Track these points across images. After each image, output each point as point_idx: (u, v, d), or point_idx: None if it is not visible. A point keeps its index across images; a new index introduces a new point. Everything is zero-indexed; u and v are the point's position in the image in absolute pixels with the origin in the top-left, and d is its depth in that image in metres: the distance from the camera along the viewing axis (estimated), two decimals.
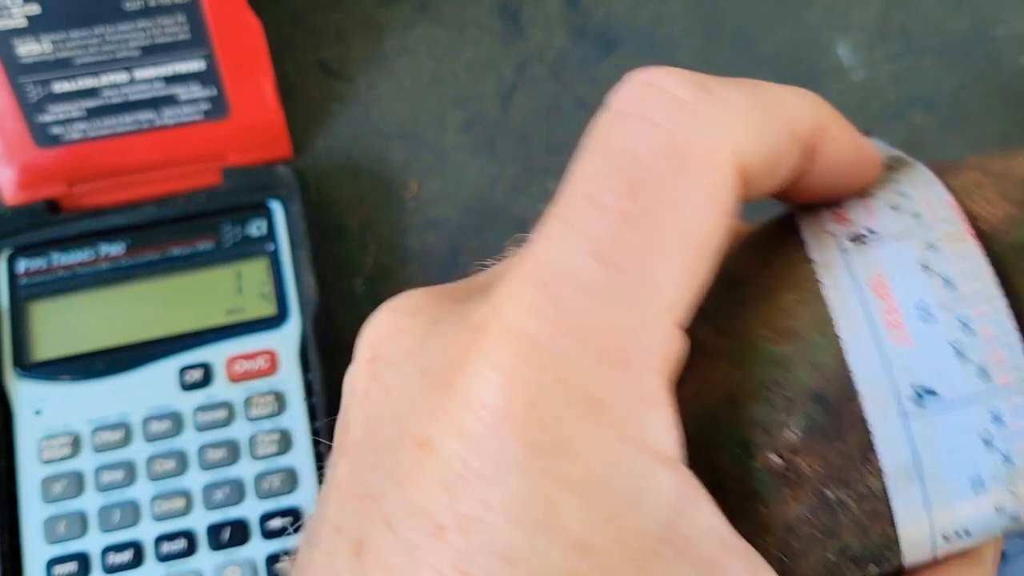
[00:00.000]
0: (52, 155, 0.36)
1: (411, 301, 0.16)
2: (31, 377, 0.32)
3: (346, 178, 0.38)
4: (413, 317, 0.16)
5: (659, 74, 0.15)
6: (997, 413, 0.15)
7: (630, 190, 0.14)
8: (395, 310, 0.16)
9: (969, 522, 0.15)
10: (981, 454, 0.15)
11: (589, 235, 0.14)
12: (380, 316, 0.16)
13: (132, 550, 0.30)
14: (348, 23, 0.40)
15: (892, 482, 0.15)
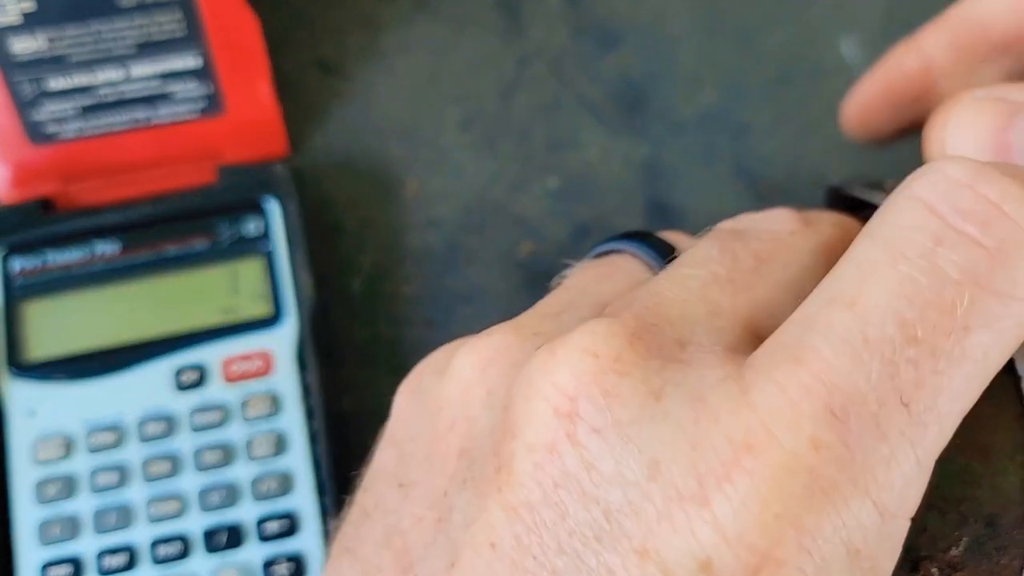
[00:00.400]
0: (46, 153, 0.35)
1: (612, 349, 0.14)
2: (25, 377, 0.32)
3: (344, 176, 0.37)
4: (623, 377, 0.14)
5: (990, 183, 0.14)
6: None
7: (950, 326, 0.13)
8: (596, 356, 0.14)
9: None
10: None
11: (894, 370, 0.13)
12: (577, 361, 0.14)
13: (127, 553, 0.30)
14: (346, 20, 0.40)
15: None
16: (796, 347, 0.13)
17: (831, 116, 0.39)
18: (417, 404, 0.18)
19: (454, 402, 0.16)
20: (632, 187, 0.37)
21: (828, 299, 0.14)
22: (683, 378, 0.14)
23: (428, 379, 0.18)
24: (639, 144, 0.38)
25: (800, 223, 0.17)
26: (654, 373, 0.14)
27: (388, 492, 0.17)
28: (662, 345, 0.14)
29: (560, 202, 0.37)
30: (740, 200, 0.37)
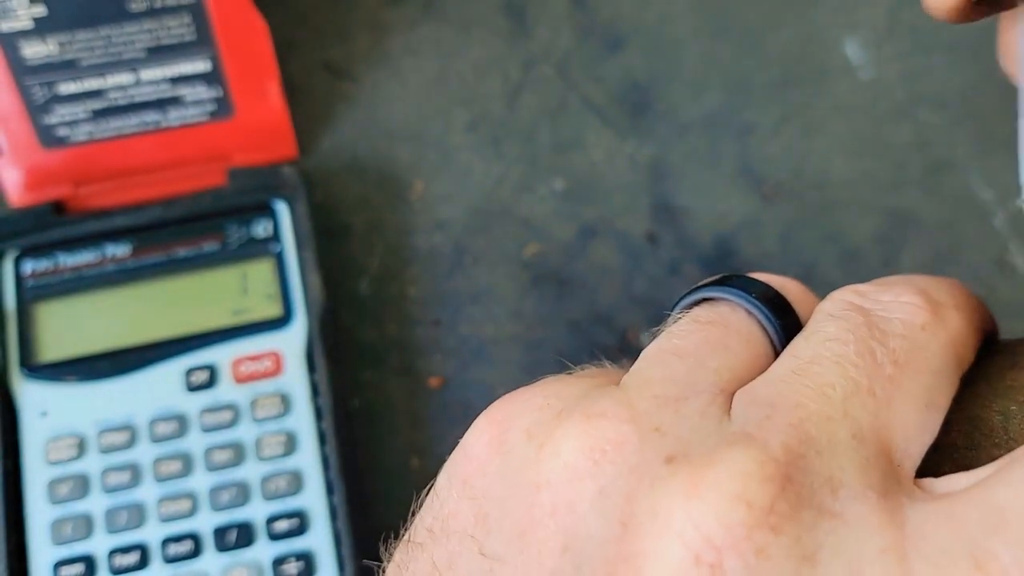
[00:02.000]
0: (58, 156, 0.36)
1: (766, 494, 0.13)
2: (37, 378, 0.32)
3: (352, 178, 0.38)
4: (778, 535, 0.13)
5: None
6: None
7: None
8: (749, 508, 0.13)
9: None
10: None
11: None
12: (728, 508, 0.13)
13: (138, 552, 0.30)
14: (353, 23, 0.40)
15: None
16: (976, 546, 0.12)
17: (835, 117, 0.39)
18: (505, 464, 0.16)
19: (558, 487, 0.15)
20: (637, 188, 0.38)
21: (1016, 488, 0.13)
22: (839, 541, 0.13)
23: (520, 440, 0.16)
24: (644, 145, 0.38)
25: (930, 312, 0.16)
26: (808, 531, 0.13)
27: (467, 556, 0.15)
28: (814, 490, 0.13)
29: (566, 203, 0.37)
30: (745, 201, 0.37)
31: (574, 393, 0.16)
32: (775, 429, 0.14)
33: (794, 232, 0.37)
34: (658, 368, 0.16)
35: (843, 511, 0.13)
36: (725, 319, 0.17)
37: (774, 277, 0.18)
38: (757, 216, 0.37)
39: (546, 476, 0.15)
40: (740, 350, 0.17)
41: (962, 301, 0.17)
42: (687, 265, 0.36)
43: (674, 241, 0.37)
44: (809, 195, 0.37)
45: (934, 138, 0.38)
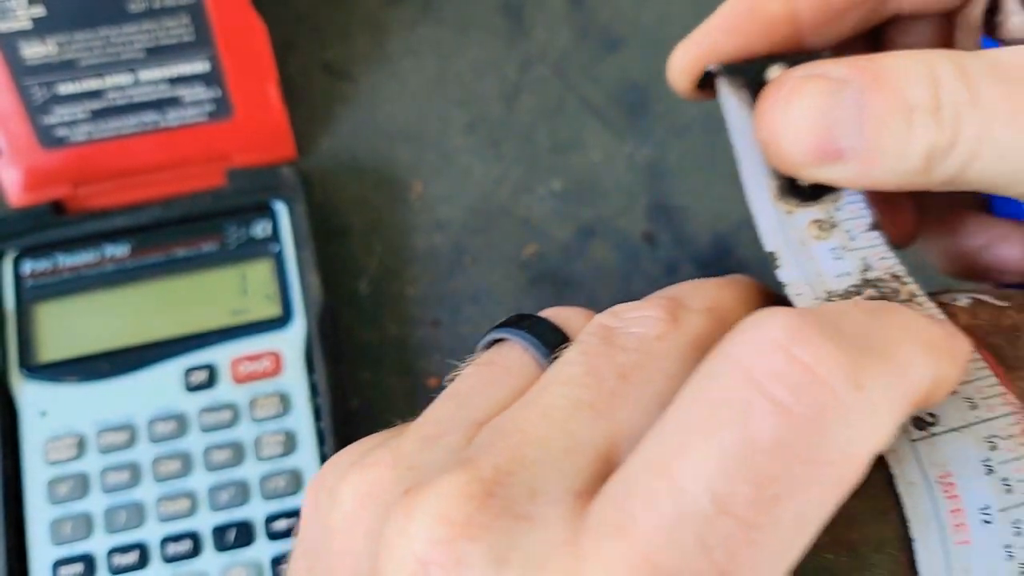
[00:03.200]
0: (57, 157, 0.36)
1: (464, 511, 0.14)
2: (37, 378, 0.33)
3: (350, 179, 0.38)
4: (474, 543, 0.14)
5: (804, 347, 0.14)
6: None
7: (761, 501, 0.13)
8: (450, 525, 0.14)
9: None
10: None
11: (710, 544, 0.13)
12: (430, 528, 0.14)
13: (137, 551, 0.31)
14: (352, 24, 0.40)
15: None
16: (621, 514, 0.14)
17: None
18: (317, 519, 0.18)
19: (341, 534, 0.17)
20: (635, 188, 0.38)
21: (649, 461, 0.14)
22: (529, 541, 0.14)
23: (323, 496, 0.18)
24: (642, 145, 0.38)
25: (668, 323, 0.17)
26: (502, 537, 0.14)
27: None
28: (515, 500, 0.14)
29: (564, 204, 0.37)
30: (742, 200, 0.37)
31: (368, 447, 0.18)
32: (492, 452, 0.15)
33: None
34: (431, 411, 0.18)
35: (537, 514, 0.14)
36: (501, 357, 0.19)
37: (561, 310, 0.19)
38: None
39: (334, 525, 0.17)
40: (510, 384, 0.18)
41: (718, 301, 0.18)
42: (685, 265, 0.36)
43: (672, 241, 0.37)
44: None
45: None
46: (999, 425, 0.17)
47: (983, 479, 0.16)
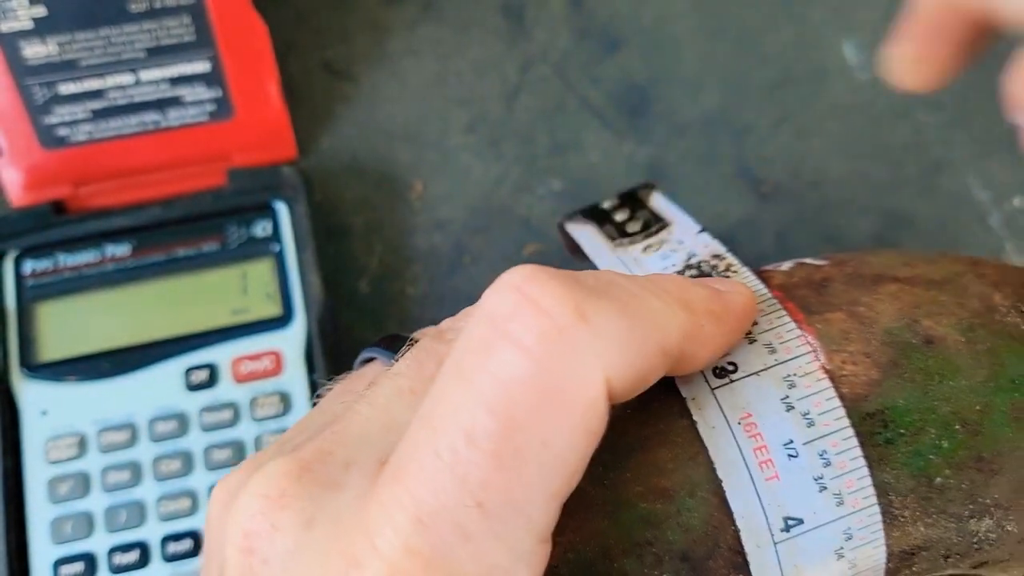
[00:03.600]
0: (58, 157, 0.36)
1: (277, 487, 0.16)
2: (38, 378, 0.33)
3: (351, 178, 0.38)
4: (285, 510, 0.16)
5: (537, 287, 0.15)
6: (849, 531, 0.17)
7: (503, 430, 0.14)
8: (265, 498, 0.16)
9: None
10: (835, 564, 0.17)
11: (463, 475, 0.14)
12: (249, 503, 0.16)
13: (138, 550, 0.31)
14: (353, 24, 0.40)
15: None
16: (396, 463, 0.15)
17: (832, 117, 0.39)
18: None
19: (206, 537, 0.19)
20: None
21: (420, 415, 0.15)
22: (334, 504, 0.15)
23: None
24: (642, 146, 0.39)
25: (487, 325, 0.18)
26: (310, 502, 0.15)
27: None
28: (330, 473, 0.16)
29: (564, 203, 0.37)
30: (742, 201, 0.38)
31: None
32: (319, 438, 0.17)
33: (791, 232, 0.37)
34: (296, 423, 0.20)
35: (347, 482, 0.16)
36: (362, 371, 0.20)
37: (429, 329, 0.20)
38: (754, 216, 0.37)
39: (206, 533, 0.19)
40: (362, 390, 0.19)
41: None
42: None
43: None
44: (806, 195, 0.38)
45: (931, 139, 0.38)
46: (796, 364, 0.18)
47: (784, 416, 0.17)
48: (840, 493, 0.17)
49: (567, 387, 0.14)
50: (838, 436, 0.17)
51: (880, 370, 0.18)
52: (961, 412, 0.18)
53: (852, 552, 0.17)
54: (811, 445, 0.17)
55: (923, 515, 0.18)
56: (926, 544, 0.18)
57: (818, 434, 0.17)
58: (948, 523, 0.18)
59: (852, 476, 0.17)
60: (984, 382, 0.18)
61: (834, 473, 0.17)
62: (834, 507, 0.17)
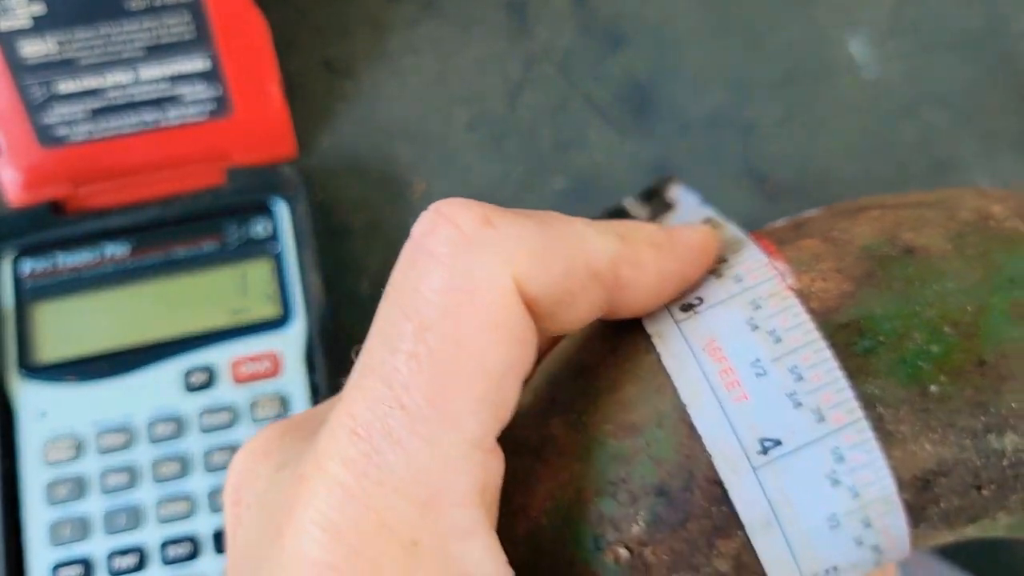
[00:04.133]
0: (56, 156, 0.36)
1: (264, 442, 0.17)
2: (35, 379, 0.32)
3: (352, 177, 0.38)
4: (266, 459, 0.17)
5: (452, 206, 0.16)
6: (838, 451, 0.16)
7: (417, 331, 0.15)
8: (252, 452, 0.18)
9: (835, 560, 0.16)
10: (830, 492, 0.16)
11: (388, 381, 0.15)
12: (239, 458, 0.18)
13: (136, 554, 0.30)
14: (353, 21, 0.40)
15: (754, 535, 0.16)
16: (344, 392, 0.16)
17: (838, 115, 0.39)
18: None
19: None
20: (639, 186, 0.37)
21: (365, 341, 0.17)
22: (304, 449, 0.16)
23: None
24: (646, 144, 0.38)
25: None
26: (287, 452, 0.17)
27: None
28: (311, 427, 0.17)
29: (567, 202, 0.37)
30: (748, 199, 0.37)
31: None
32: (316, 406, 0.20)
33: None
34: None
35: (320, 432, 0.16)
36: None
37: None
38: (760, 214, 0.37)
39: None
40: None
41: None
42: None
43: None
44: (812, 193, 0.37)
45: (937, 137, 0.38)
46: (762, 288, 0.17)
47: (749, 335, 0.16)
48: (819, 409, 0.16)
49: (473, 286, 0.15)
50: (809, 349, 0.16)
51: (853, 282, 0.17)
52: (950, 314, 0.17)
53: (849, 477, 0.16)
54: (780, 361, 0.16)
55: (925, 429, 0.16)
56: (942, 467, 0.16)
57: (787, 349, 0.16)
58: (962, 439, 0.16)
59: (830, 390, 0.16)
60: (977, 284, 0.17)
61: (809, 388, 0.16)
62: (814, 424, 0.16)
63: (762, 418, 0.16)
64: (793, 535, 0.16)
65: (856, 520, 0.16)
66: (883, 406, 0.16)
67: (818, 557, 0.16)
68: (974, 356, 0.16)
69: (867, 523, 0.16)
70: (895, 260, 0.17)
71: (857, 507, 0.16)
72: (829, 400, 0.16)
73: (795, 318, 0.16)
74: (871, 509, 0.16)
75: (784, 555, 0.16)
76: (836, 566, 0.16)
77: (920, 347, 0.16)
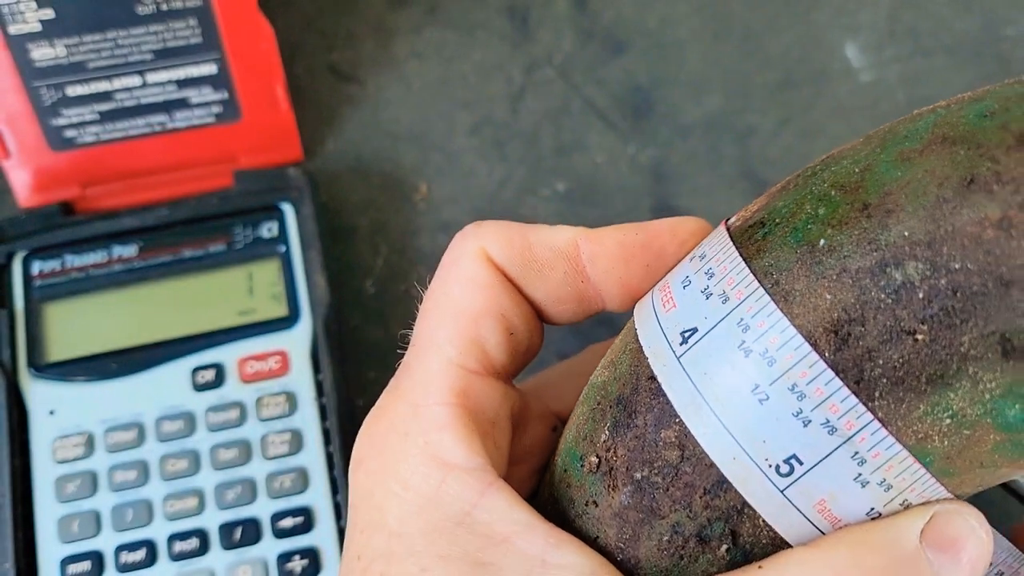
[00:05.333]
0: (66, 158, 0.36)
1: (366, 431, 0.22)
2: (45, 378, 0.33)
3: (356, 180, 0.38)
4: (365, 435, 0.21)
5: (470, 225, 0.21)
6: (743, 322, 0.17)
7: (427, 296, 0.21)
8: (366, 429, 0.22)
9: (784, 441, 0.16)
10: (744, 361, 0.16)
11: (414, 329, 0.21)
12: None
13: (145, 549, 0.31)
14: (358, 27, 0.40)
15: (687, 417, 0.17)
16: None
17: (835, 119, 0.39)
18: None
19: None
20: (639, 190, 0.38)
21: None
22: None
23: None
24: (646, 147, 0.39)
25: None
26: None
27: None
28: None
29: (568, 205, 0.38)
30: (746, 202, 0.38)
31: None
32: None
33: None
34: None
35: None
36: None
37: None
38: None
39: None
40: None
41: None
42: None
43: None
44: None
45: None
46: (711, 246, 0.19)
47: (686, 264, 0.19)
48: (724, 293, 0.17)
49: (457, 256, 0.21)
50: (720, 252, 0.18)
51: (770, 196, 0.19)
52: (839, 180, 0.17)
53: (758, 344, 0.16)
54: (700, 272, 0.18)
55: (820, 279, 0.16)
56: (849, 312, 0.16)
57: (706, 261, 0.18)
58: (860, 280, 0.16)
59: (731, 275, 0.17)
60: (870, 152, 0.17)
61: (717, 280, 0.18)
62: (720, 305, 0.17)
63: (683, 315, 0.18)
64: (723, 413, 0.17)
65: (783, 389, 0.16)
66: (777, 271, 0.17)
67: (763, 438, 0.16)
68: (859, 204, 0.16)
69: (796, 391, 0.16)
70: (812, 168, 0.18)
71: (777, 373, 0.16)
72: (731, 283, 0.17)
73: (718, 239, 0.19)
74: (793, 375, 0.16)
75: (721, 435, 0.17)
76: (796, 455, 0.16)
77: (809, 214, 0.17)
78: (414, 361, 0.20)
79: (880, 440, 0.16)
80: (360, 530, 0.19)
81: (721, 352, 0.17)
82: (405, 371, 0.20)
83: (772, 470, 0.16)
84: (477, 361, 0.20)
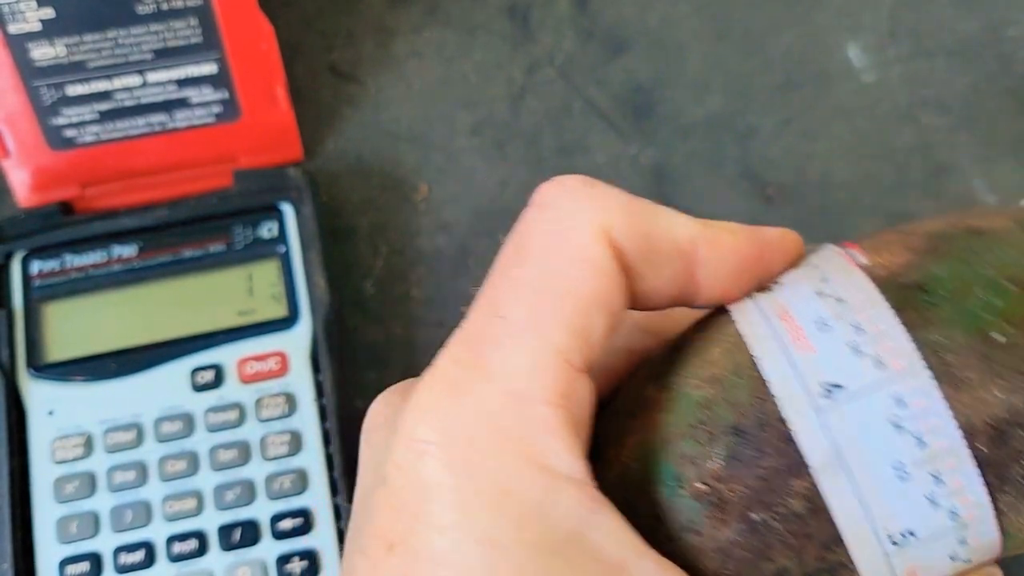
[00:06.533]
0: (65, 158, 0.36)
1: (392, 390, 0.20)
2: (44, 378, 0.33)
3: (357, 180, 0.38)
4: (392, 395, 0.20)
5: (563, 176, 0.19)
6: (899, 396, 0.16)
7: (514, 255, 0.18)
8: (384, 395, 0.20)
9: (908, 517, 0.16)
10: (894, 437, 0.16)
11: (491, 297, 0.18)
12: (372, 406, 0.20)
13: (144, 550, 0.31)
14: (359, 26, 0.40)
15: (819, 475, 0.16)
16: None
17: (837, 119, 0.39)
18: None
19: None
20: (640, 190, 0.38)
21: None
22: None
23: None
24: (647, 148, 0.39)
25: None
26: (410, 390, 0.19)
27: None
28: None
29: None
30: (747, 202, 0.38)
31: None
32: None
33: None
34: None
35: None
36: None
37: None
38: (759, 218, 0.37)
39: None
40: None
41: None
42: None
43: None
44: (811, 197, 0.38)
45: (936, 141, 0.38)
46: (832, 267, 0.18)
47: (815, 300, 0.18)
48: (878, 356, 0.16)
49: (569, 226, 0.18)
50: (870, 306, 0.17)
51: (918, 254, 0.18)
52: (1011, 273, 0.17)
53: (911, 423, 0.16)
54: (842, 319, 0.17)
55: (993, 375, 0.16)
56: (1015, 416, 0.16)
57: (849, 309, 0.17)
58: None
59: (889, 339, 0.16)
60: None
61: (869, 339, 0.17)
62: (872, 369, 0.16)
63: (825, 365, 0.17)
64: (861, 479, 0.16)
65: (925, 472, 0.16)
66: (946, 352, 0.16)
67: (890, 512, 0.16)
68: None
69: (937, 477, 0.16)
70: (958, 236, 0.18)
71: (924, 457, 0.16)
72: (889, 349, 0.17)
73: (858, 284, 0.18)
74: (940, 461, 0.16)
75: (852, 501, 0.16)
76: (913, 531, 0.16)
77: (982, 300, 0.17)
78: (509, 341, 0.17)
79: (989, 530, 0.16)
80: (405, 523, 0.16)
81: (870, 419, 0.16)
82: (494, 348, 0.17)
83: (887, 538, 0.16)
84: (581, 355, 0.17)
